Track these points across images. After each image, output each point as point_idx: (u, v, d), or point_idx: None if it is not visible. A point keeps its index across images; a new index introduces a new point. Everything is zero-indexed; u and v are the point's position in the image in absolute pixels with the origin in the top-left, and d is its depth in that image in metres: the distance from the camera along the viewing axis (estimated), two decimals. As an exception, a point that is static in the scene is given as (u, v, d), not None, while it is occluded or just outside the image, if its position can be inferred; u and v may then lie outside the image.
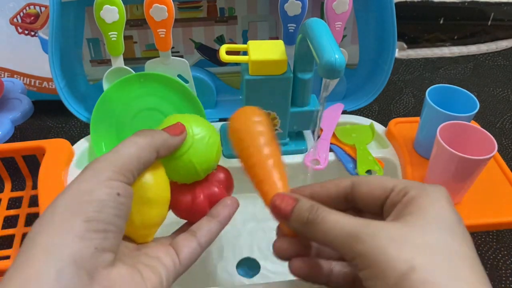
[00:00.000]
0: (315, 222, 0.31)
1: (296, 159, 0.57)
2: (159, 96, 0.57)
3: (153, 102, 0.58)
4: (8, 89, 0.69)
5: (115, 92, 0.56)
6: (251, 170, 0.37)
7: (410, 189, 0.31)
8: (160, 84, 0.57)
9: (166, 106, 0.58)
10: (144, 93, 0.57)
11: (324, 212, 0.31)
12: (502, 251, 0.57)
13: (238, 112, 0.40)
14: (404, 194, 0.32)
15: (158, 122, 0.58)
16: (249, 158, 0.37)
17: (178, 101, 0.58)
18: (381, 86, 0.65)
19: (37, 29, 0.73)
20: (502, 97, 0.86)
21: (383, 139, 0.61)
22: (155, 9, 0.54)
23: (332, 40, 0.42)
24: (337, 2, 0.57)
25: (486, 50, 0.99)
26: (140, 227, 0.33)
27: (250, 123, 0.38)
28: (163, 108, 0.58)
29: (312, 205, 0.32)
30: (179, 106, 0.58)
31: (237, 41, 0.67)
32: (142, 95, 0.57)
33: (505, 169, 0.55)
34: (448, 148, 0.46)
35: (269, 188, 0.36)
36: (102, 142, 0.58)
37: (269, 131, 0.38)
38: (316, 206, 0.32)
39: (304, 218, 0.32)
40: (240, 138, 0.38)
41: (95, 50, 0.65)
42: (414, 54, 0.97)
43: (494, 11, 0.99)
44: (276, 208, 0.33)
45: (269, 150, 0.37)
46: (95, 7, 0.53)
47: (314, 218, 0.31)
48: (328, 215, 0.31)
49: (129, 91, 0.57)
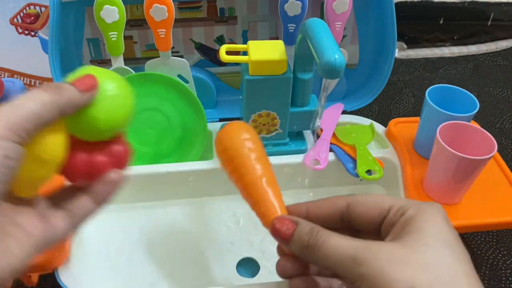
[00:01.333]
0: (315, 246, 0.31)
1: (296, 159, 0.57)
2: (159, 96, 0.57)
3: (153, 102, 0.58)
4: (8, 89, 0.69)
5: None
6: (244, 190, 0.37)
7: (407, 209, 0.32)
8: (160, 84, 0.57)
9: (166, 106, 0.58)
10: (144, 93, 0.57)
11: (324, 236, 0.31)
12: (502, 251, 0.57)
13: (225, 129, 0.38)
14: (402, 214, 0.32)
15: (159, 122, 0.58)
16: (242, 177, 0.37)
17: (178, 101, 0.58)
18: (381, 86, 0.65)
19: (37, 29, 0.73)
20: (502, 97, 0.86)
21: (383, 139, 0.61)
22: (155, 9, 0.54)
23: (332, 40, 0.42)
24: (337, 2, 0.57)
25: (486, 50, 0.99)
26: (25, 184, 0.30)
27: (240, 141, 0.37)
28: (163, 108, 0.58)
29: (311, 228, 0.32)
30: (179, 105, 0.58)
31: (237, 41, 0.67)
32: (142, 95, 0.57)
33: (505, 169, 0.55)
34: (448, 148, 0.46)
35: (265, 210, 0.36)
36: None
37: (259, 147, 0.38)
38: (316, 229, 0.32)
39: (305, 242, 0.32)
40: (230, 157, 0.37)
41: (95, 50, 0.65)
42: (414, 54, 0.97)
43: (494, 11, 0.99)
44: (276, 231, 0.33)
45: (261, 168, 0.37)
46: (95, 7, 0.53)
47: (315, 243, 0.31)
48: (328, 239, 0.31)
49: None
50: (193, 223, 0.56)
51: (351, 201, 0.34)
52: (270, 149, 0.57)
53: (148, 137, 0.58)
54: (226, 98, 0.68)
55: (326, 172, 0.57)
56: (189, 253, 0.53)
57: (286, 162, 0.57)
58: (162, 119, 0.58)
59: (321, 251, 0.31)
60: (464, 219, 0.50)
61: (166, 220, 0.57)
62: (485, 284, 0.54)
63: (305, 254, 0.32)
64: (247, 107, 0.54)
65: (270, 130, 0.57)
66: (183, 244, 0.54)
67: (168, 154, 0.59)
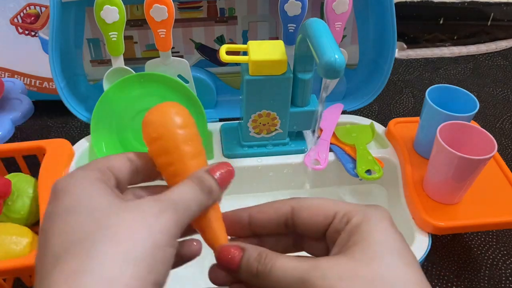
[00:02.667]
0: (264, 272, 0.29)
1: (296, 159, 0.57)
2: (159, 96, 0.57)
3: (154, 102, 0.57)
4: (8, 89, 0.69)
5: (115, 92, 0.57)
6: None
7: (352, 216, 0.30)
8: (160, 84, 0.57)
9: None
10: (145, 93, 0.57)
11: (272, 260, 0.29)
12: (502, 251, 0.57)
13: (156, 110, 0.31)
14: (347, 221, 0.30)
15: None
16: (175, 176, 0.31)
17: (178, 101, 0.57)
18: (381, 86, 0.65)
19: (38, 29, 0.73)
20: (502, 97, 0.86)
21: (383, 139, 0.61)
22: (155, 9, 0.54)
23: (332, 40, 0.42)
24: (337, 2, 0.57)
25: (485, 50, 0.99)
26: None
27: (174, 129, 0.30)
28: None
29: (259, 253, 0.30)
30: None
31: (237, 41, 0.67)
32: (142, 95, 0.57)
33: (505, 169, 0.55)
34: (448, 148, 0.46)
35: (211, 236, 0.33)
36: (102, 142, 0.58)
37: (193, 136, 0.32)
38: (265, 253, 0.30)
39: (254, 270, 0.30)
40: (164, 150, 0.30)
41: (95, 50, 0.65)
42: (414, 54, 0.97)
43: (494, 11, 0.99)
44: (223, 262, 0.31)
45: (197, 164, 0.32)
46: (96, 7, 0.53)
47: (263, 269, 0.29)
48: (276, 263, 0.29)
49: (129, 91, 0.57)
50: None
51: (295, 205, 0.32)
52: (270, 149, 0.57)
53: None
54: (226, 98, 0.68)
55: (326, 172, 0.57)
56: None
57: (286, 162, 0.57)
58: None
59: (270, 277, 0.29)
60: (464, 219, 0.50)
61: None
62: (485, 284, 0.54)
63: (255, 282, 0.30)
64: (247, 107, 0.54)
65: (270, 130, 0.57)
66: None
67: None
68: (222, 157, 0.57)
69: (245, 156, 0.57)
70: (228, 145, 0.58)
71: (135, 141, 0.58)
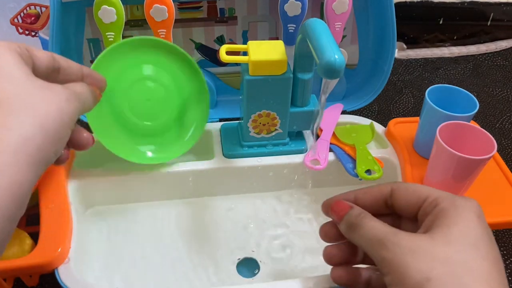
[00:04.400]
0: (357, 226, 0.35)
1: (296, 159, 0.57)
2: (155, 64, 0.53)
3: (149, 70, 0.53)
4: (8, 89, 0.69)
5: (106, 61, 0.51)
6: None
7: (441, 201, 0.33)
8: (156, 51, 0.53)
9: (164, 75, 0.53)
10: (139, 62, 0.53)
11: (365, 219, 0.34)
12: (502, 251, 0.57)
13: None
14: (435, 205, 0.33)
15: (156, 92, 0.54)
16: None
17: (177, 70, 0.54)
18: (381, 86, 0.65)
19: (38, 30, 0.73)
20: (502, 97, 0.86)
21: (383, 139, 0.61)
22: (155, 9, 0.54)
23: (332, 40, 0.42)
24: (337, 2, 0.57)
25: (485, 50, 0.99)
26: None
27: None
28: (161, 77, 0.53)
29: (360, 213, 0.36)
30: (179, 76, 0.54)
31: (237, 41, 0.67)
32: (136, 64, 0.53)
33: (505, 169, 0.55)
34: (448, 148, 0.46)
35: None
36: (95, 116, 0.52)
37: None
38: (363, 214, 0.35)
39: (350, 223, 0.36)
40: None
41: (95, 50, 0.65)
42: (413, 54, 0.97)
43: (493, 11, 0.99)
44: (334, 210, 0.38)
45: None
46: (94, 7, 0.53)
47: (357, 223, 0.35)
48: (368, 222, 0.34)
49: (122, 59, 0.52)
50: (193, 223, 0.56)
51: (395, 188, 0.36)
52: (270, 149, 0.58)
53: (147, 110, 0.53)
54: (226, 98, 0.68)
55: (326, 172, 0.57)
56: (189, 253, 0.53)
57: (286, 162, 0.57)
58: (160, 89, 0.54)
59: (359, 231, 0.34)
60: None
61: (166, 220, 0.57)
62: (485, 284, 0.54)
63: (348, 232, 0.36)
64: (247, 107, 0.54)
65: (270, 130, 0.57)
66: (183, 244, 0.54)
67: (169, 127, 0.55)
68: (222, 157, 0.57)
69: (245, 156, 0.57)
70: (228, 145, 0.58)
71: (133, 115, 0.53)
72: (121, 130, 0.53)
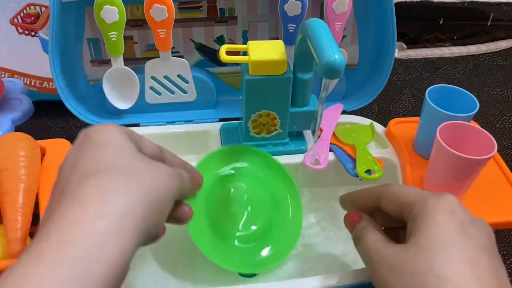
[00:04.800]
0: (360, 239, 0.36)
1: (296, 159, 0.57)
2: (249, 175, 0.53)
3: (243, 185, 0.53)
4: (8, 89, 0.69)
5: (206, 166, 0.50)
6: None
7: (414, 207, 0.33)
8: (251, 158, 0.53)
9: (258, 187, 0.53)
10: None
11: (366, 233, 0.36)
12: (502, 251, 0.57)
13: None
14: (410, 211, 0.33)
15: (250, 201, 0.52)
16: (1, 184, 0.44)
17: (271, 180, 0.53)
18: (381, 86, 0.65)
19: (38, 29, 0.73)
20: (502, 97, 0.86)
21: (383, 139, 0.61)
22: (155, 9, 0.54)
23: (332, 40, 0.42)
24: (337, 2, 0.57)
25: (485, 50, 0.99)
26: None
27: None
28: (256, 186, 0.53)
29: (365, 226, 0.37)
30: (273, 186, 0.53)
31: (237, 41, 0.67)
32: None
33: (505, 169, 0.55)
34: (448, 148, 0.46)
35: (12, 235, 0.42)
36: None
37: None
38: (367, 227, 0.37)
39: (355, 235, 0.38)
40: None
41: (95, 50, 0.65)
42: (413, 54, 0.97)
43: (493, 11, 0.99)
44: (347, 221, 0.40)
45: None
46: (95, 7, 0.53)
47: (360, 236, 0.36)
48: (367, 236, 0.36)
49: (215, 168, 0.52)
50: (193, 223, 0.56)
51: (380, 192, 0.38)
52: (270, 149, 0.57)
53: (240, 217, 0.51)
54: (226, 98, 0.68)
55: (326, 172, 0.57)
56: (189, 253, 0.53)
57: (286, 162, 0.57)
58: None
59: (359, 245, 0.36)
60: (464, 219, 0.50)
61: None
62: (485, 284, 0.54)
63: (354, 243, 0.38)
64: (247, 107, 0.54)
65: (270, 130, 0.57)
66: (183, 244, 0.54)
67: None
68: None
69: (245, 156, 0.57)
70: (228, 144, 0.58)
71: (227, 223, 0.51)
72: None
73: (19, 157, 0.48)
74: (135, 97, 0.61)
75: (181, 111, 0.65)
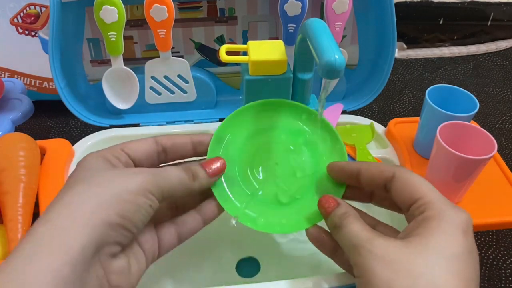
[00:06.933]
0: (340, 227, 0.34)
1: (296, 159, 0.57)
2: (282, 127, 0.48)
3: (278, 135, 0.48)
4: (8, 89, 0.69)
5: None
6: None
7: (429, 208, 0.32)
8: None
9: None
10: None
11: (348, 221, 0.34)
12: (502, 251, 0.57)
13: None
14: (422, 211, 0.32)
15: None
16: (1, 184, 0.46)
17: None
18: (381, 86, 0.65)
19: (38, 29, 0.73)
20: (502, 97, 0.86)
21: (383, 139, 0.61)
22: (155, 9, 0.54)
23: (332, 40, 0.42)
24: (337, 2, 0.57)
25: (485, 50, 0.99)
26: None
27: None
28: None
29: (345, 212, 0.35)
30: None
31: (237, 41, 0.67)
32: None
33: (505, 169, 0.55)
34: (448, 148, 0.46)
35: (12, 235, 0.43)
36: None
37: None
38: (348, 214, 0.35)
39: (334, 223, 0.35)
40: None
41: (95, 50, 0.65)
42: (413, 54, 0.97)
43: (493, 11, 0.99)
44: (321, 206, 0.38)
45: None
46: (95, 8, 0.53)
47: (340, 224, 0.35)
48: (349, 225, 0.34)
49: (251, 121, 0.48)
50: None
51: (397, 175, 0.35)
52: (270, 149, 0.57)
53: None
54: (226, 98, 0.68)
55: (326, 172, 0.57)
56: (189, 253, 0.53)
57: (286, 162, 0.57)
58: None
59: (340, 233, 0.34)
60: (464, 219, 0.50)
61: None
62: (485, 284, 0.54)
63: (331, 230, 0.36)
64: (247, 107, 0.54)
65: (270, 130, 0.56)
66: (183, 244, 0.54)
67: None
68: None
69: (245, 156, 0.57)
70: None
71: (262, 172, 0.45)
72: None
73: (19, 157, 0.48)
74: (135, 97, 0.61)
75: (181, 111, 0.65)
